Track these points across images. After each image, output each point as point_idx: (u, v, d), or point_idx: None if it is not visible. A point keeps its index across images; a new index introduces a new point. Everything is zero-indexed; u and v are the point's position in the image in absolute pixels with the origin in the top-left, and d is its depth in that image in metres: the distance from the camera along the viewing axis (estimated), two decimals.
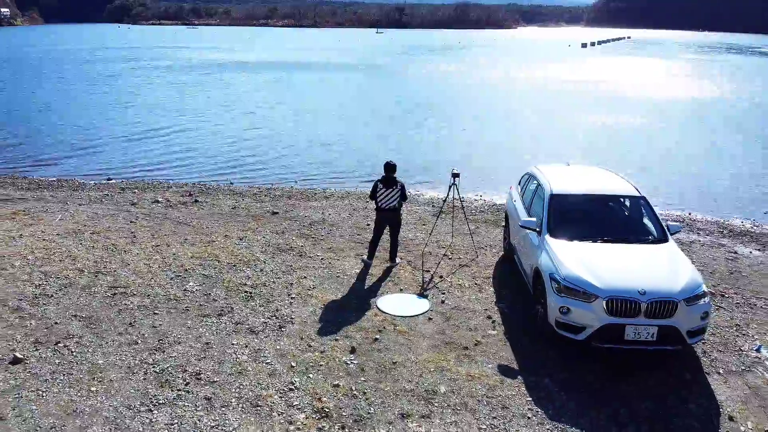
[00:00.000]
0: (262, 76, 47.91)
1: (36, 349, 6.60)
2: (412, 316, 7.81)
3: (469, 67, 60.18)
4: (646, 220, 8.10)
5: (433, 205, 13.84)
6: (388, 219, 9.34)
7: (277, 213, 12.70)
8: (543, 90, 40.64)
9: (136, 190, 14.94)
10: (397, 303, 8.19)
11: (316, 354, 6.76)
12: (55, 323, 7.18)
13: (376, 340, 7.13)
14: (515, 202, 9.57)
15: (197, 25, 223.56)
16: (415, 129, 25.42)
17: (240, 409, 5.71)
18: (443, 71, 54.47)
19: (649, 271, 6.88)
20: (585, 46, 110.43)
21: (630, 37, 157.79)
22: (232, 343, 6.90)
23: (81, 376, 6.12)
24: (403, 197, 9.28)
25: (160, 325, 7.25)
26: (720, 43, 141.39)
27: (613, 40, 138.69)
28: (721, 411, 6.09)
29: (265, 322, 7.44)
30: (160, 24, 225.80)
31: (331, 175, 17.98)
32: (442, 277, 9.24)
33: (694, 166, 19.84)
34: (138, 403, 5.72)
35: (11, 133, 23.35)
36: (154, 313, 7.53)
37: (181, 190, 15.12)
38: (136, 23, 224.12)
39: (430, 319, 7.78)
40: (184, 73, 49.11)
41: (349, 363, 6.60)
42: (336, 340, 7.10)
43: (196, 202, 13.65)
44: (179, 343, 6.85)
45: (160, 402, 5.75)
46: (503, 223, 10.82)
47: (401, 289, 8.67)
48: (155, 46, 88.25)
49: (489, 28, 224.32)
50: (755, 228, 13.32)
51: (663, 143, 23.24)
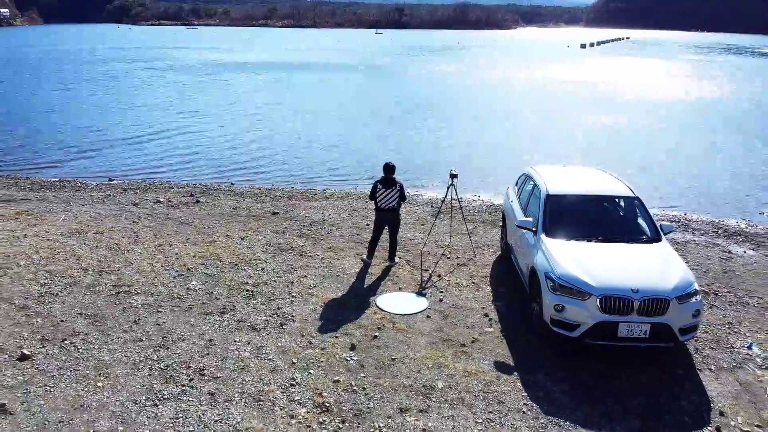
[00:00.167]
0: (262, 76, 48.04)
1: (43, 346, 6.74)
2: (410, 314, 7.95)
3: (467, 67, 60.30)
4: (640, 220, 8.24)
5: (431, 206, 13.98)
6: (388, 219, 9.47)
7: (277, 213, 12.84)
8: (541, 91, 40.77)
9: (138, 191, 15.08)
10: (396, 301, 8.34)
11: (317, 351, 6.91)
12: (61, 321, 7.33)
13: (376, 337, 7.27)
14: (512, 202, 9.72)
15: (196, 25, 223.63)
16: (414, 130, 25.56)
17: (243, 403, 5.86)
18: (442, 72, 54.59)
19: (642, 270, 7.03)
20: (584, 46, 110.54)
21: (629, 38, 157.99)
22: (235, 341, 7.05)
23: (87, 372, 6.27)
24: (402, 198, 9.41)
25: (164, 322, 7.39)
26: (719, 43, 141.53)
27: (613, 40, 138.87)
28: (712, 406, 6.24)
29: (266, 320, 7.59)
30: (159, 24, 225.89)
31: (330, 175, 18.10)
32: (440, 276, 9.38)
33: (691, 166, 19.97)
34: (143, 398, 5.87)
35: (12, 133, 23.44)
36: (158, 311, 7.68)
37: (182, 190, 15.26)
38: (136, 23, 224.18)
39: (429, 317, 7.93)
40: (184, 73, 49.22)
41: (349, 359, 6.75)
42: (336, 337, 7.25)
43: (198, 202, 13.79)
44: (183, 340, 7.00)
45: (165, 397, 5.90)
46: (501, 223, 10.95)
47: (400, 288, 8.83)
48: (155, 47, 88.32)
49: (488, 29, 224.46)
50: (750, 228, 13.47)
51: (661, 144, 23.38)
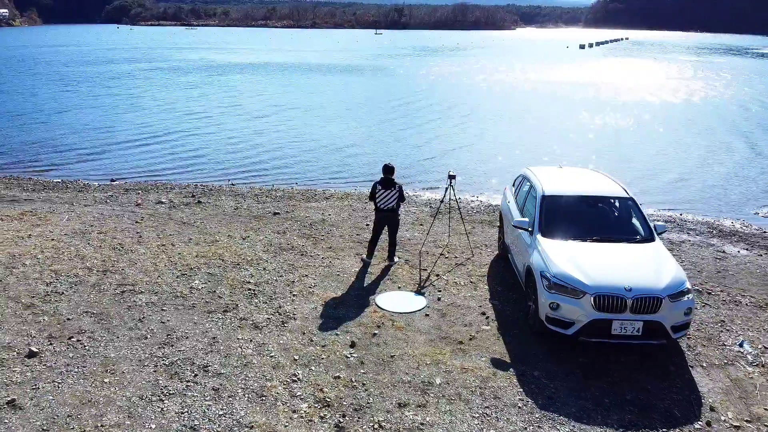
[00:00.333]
0: (262, 77, 48.19)
1: (50, 344, 6.91)
2: (409, 313, 8.12)
3: (466, 68, 60.47)
4: (634, 220, 8.40)
5: (430, 206, 14.15)
6: (387, 219, 9.63)
7: (278, 213, 13.00)
8: (540, 92, 40.93)
9: (140, 191, 15.24)
10: (395, 300, 8.51)
11: (318, 348, 7.08)
12: (68, 319, 7.49)
13: (375, 335, 7.44)
14: (509, 202, 9.88)
15: (196, 25, 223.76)
16: (414, 131, 25.73)
17: (246, 399, 6.03)
18: (441, 73, 54.74)
19: (635, 269, 7.19)
20: (583, 47, 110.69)
21: (628, 38, 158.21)
22: (238, 338, 7.21)
23: (94, 369, 6.43)
24: (401, 198, 9.57)
25: (168, 320, 7.56)
26: (719, 44, 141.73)
27: (611, 41, 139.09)
28: (703, 402, 6.40)
29: (268, 318, 7.76)
30: (159, 25, 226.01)
31: (330, 176, 18.26)
32: (438, 275, 9.55)
33: (687, 167, 20.13)
34: (149, 393, 6.04)
35: (14, 134, 23.60)
36: (162, 310, 7.84)
37: (183, 191, 15.42)
38: (135, 24, 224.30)
39: (427, 315, 8.10)
40: (184, 74, 49.35)
41: (349, 356, 6.91)
42: (336, 335, 7.42)
43: (199, 203, 13.95)
44: (187, 337, 7.16)
45: (171, 392, 6.06)
46: (498, 224, 11.12)
47: (399, 287, 8.99)
48: (155, 48, 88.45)
49: (488, 29, 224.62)
50: (745, 228, 13.64)
51: (658, 145, 23.55)
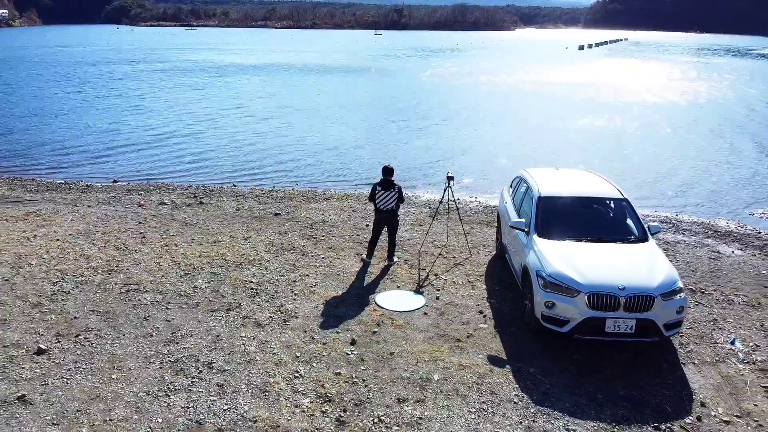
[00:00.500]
0: (262, 78, 48.36)
1: (58, 341, 7.09)
2: (408, 311, 8.30)
3: (466, 70, 60.66)
4: (628, 221, 8.58)
5: (429, 207, 14.32)
6: (386, 220, 9.80)
7: (279, 214, 13.18)
8: (539, 93, 41.13)
9: (142, 192, 15.41)
10: (395, 299, 8.69)
11: (319, 345, 7.26)
12: (75, 317, 7.67)
13: (375, 333, 7.62)
14: (506, 203, 10.05)
15: (196, 26, 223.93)
16: (413, 133, 25.90)
17: (250, 394, 6.21)
18: (441, 74, 54.93)
19: (628, 269, 7.38)
20: (582, 48, 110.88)
21: (627, 39, 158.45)
22: (241, 336, 7.39)
23: (102, 365, 6.62)
24: (400, 199, 9.74)
25: (173, 319, 7.74)
26: (718, 45, 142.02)
27: (610, 42, 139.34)
28: (694, 397, 6.58)
29: (270, 317, 7.94)
30: (158, 25, 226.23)
31: (331, 177, 18.43)
32: (437, 275, 9.73)
33: (684, 168, 20.29)
34: (156, 389, 6.22)
35: (17, 135, 23.78)
36: (167, 308, 8.02)
37: (185, 192, 15.59)
38: (134, 25, 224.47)
39: (426, 314, 8.28)
40: (186, 75, 49.52)
41: (349, 353, 7.10)
42: (337, 332, 7.60)
43: (201, 203, 14.12)
44: (191, 335, 7.34)
45: (177, 388, 6.24)
46: (496, 224, 11.30)
47: (398, 286, 9.18)
48: (157, 49, 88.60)
49: (487, 30, 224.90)
50: (739, 229, 13.82)
51: (656, 146, 23.71)
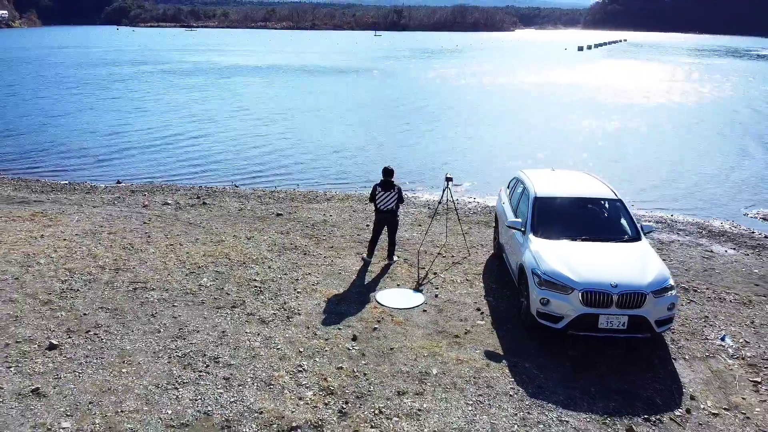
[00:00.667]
0: (263, 79, 48.63)
1: (69, 337, 7.32)
2: (408, 309, 8.53)
3: (465, 71, 60.93)
4: (621, 221, 8.81)
5: (428, 207, 14.56)
6: (386, 220, 10.03)
7: (281, 214, 13.41)
8: (537, 94, 41.39)
9: (146, 193, 15.64)
10: (395, 297, 8.93)
11: (321, 341, 7.49)
12: (84, 314, 7.90)
13: (376, 329, 7.85)
14: (504, 204, 10.29)
15: (195, 27, 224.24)
16: (412, 134, 26.15)
17: (255, 387, 6.44)
18: (440, 75, 55.19)
19: (621, 267, 7.60)
20: (581, 49, 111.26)
21: (626, 40, 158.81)
22: (246, 332, 7.62)
23: (112, 360, 6.85)
24: (400, 200, 9.96)
25: (180, 315, 7.97)
26: (717, 45, 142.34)
27: (610, 43, 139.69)
28: (684, 391, 6.81)
29: (274, 314, 8.17)
30: (158, 26, 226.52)
31: (331, 178, 18.68)
32: (436, 273, 9.96)
33: (680, 169, 20.54)
34: (165, 382, 6.45)
35: (21, 136, 24.00)
36: (173, 306, 8.26)
37: (188, 192, 15.83)
38: (134, 26, 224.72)
39: (425, 311, 8.51)
40: (187, 77, 49.78)
41: (351, 349, 7.33)
42: (339, 329, 7.83)
43: (204, 204, 14.35)
44: (198, 331, 7.58)
45: (185, 381, 6.48)
46: (494, 224, 11.53)
47: (398, 285, 9.41)
48: (158, 50, 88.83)
49: (487, 31, 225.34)
50: (733, 229, 14.07)
51: (653, 147, 23.96)
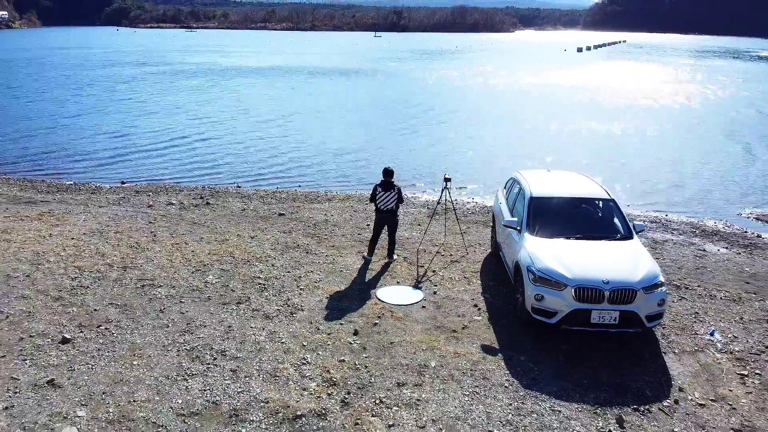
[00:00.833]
0: (264, 81, 48.92)
1: (81, 331, 7.59)
2: (407, 305, 8.82)
3: (465, 72, 61.24)
4: (614, 220, 9.10)
5: (427, 207, 14.84)
6: (387, 219, 10.31)
7: (283, 214, 13.70)
8: (536, 95, 41.68)
9: (150, 193, 15.92)
10: (394, 293, 9.21)
11: (324, 336, 7.77)
12: (95, 310, 8.18)
13: (376, 324, 8.13)
14: (501, 203, 10.58)
15: (196, 28, 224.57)
16: (412, 135, 26.46)
17: (261, 378, 6.72)
18: (440, 76, 55.51)
19: (613, 264, 7.89)
20: (581, 50, 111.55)
21: (626, 41, 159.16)
22: (251, 327, 7.90)
23: (123, 353, 7.13)
24: (399, 200, 10.24)
25: (187, 311, 8.25)
26: (718, 47, 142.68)
27: (609, 44, 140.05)
28: (672, 383, 7.09)
29: (278, 309, 8.45)
30: (158, 27, 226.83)
31: (332, 179, 18.96)
32: (434, 271, 10.25)
33: (678, 169, 20.80)
34: (174, 374, 6.73)
35: (25, 137, 24.27)
36: (181, 302, 8.54)
37: (192, 193, 16.11)
38: (134, 26, 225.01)
39: (424, 307, 8.79)
40: (190, 78, 50.08)
41: (352, 343, 7.61)
42: (341, 324, 8.11)
43: (208, 204, 14.64)
44: (205, 326, 7.86)
45: (193, 373, 6.76)
46: (491, 224, 11.82)
47: (398, 282, 9.69)
48: (159, 51, 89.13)
49: (486, 32, 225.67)
50: (726, 228, 14.35)
51: (652, 147, 24.23)
